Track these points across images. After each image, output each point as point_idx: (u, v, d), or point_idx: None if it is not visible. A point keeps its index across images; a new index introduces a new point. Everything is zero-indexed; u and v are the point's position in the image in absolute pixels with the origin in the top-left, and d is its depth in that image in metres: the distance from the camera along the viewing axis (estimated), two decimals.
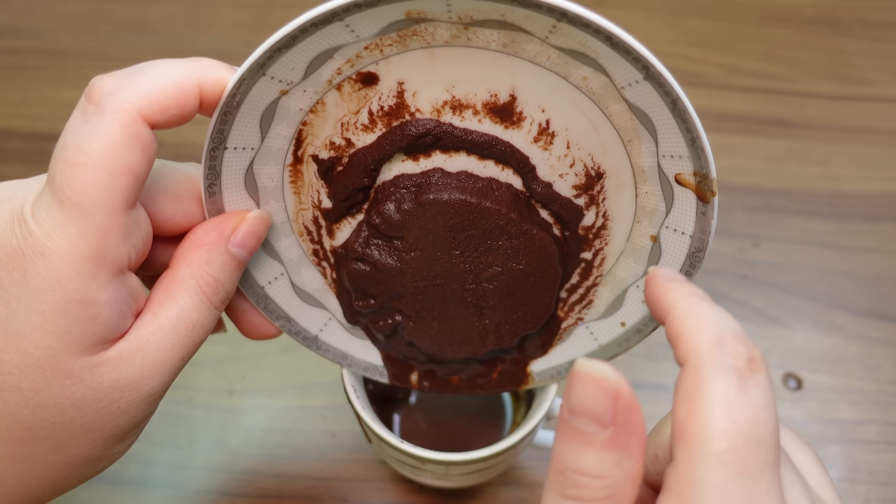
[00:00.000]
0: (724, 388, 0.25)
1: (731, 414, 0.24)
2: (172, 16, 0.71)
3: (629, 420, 0.24)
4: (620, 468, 0.24)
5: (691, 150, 0.30)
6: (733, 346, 0.26)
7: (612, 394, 0.24)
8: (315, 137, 0.33)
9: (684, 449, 0.25)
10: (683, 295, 0.29)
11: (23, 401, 0.28)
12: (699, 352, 0.26)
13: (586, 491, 0.25)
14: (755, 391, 0.25)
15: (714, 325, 0.27)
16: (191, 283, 0.31)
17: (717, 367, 0.25)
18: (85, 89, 0.28)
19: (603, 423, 0.24)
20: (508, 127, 0.32)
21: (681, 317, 0.28)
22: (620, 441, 0.24)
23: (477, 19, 0.29)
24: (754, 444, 0.24)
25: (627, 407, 0.24)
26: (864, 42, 0.71)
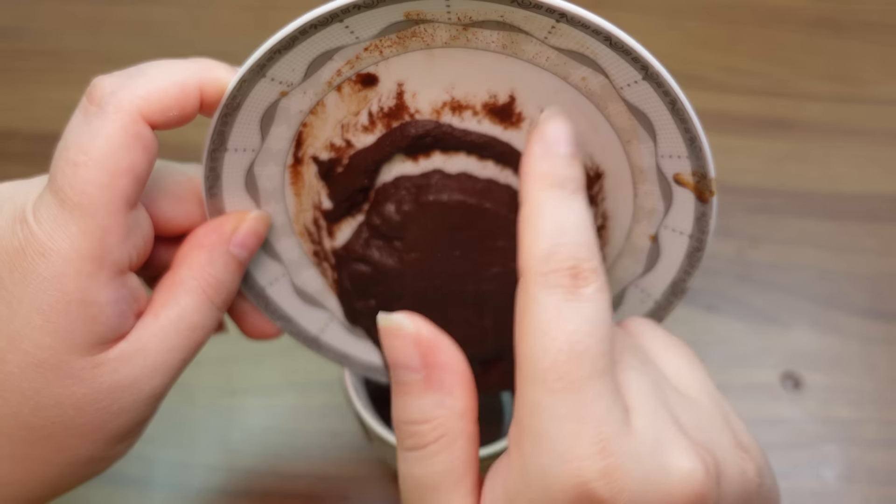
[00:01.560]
0: (547, 307, 0.25)
1: (551, 332, 0.25)
2: (174, 17, 0.71)
3: (436, 359, 0.26)
4: (443, 407, 0.26)
5: (690, 149, 0.30)
6: (561, 262, 0.25)
7: (411, 339, 0.26)
8: (315, 139, 0.33)
9: (518, 373, 0.26)
10: (537, 185, 0.27)
11: (23, 400, 0.28)
12: (528, 268, 0.26)
13: (419, 438, 0.26)
14: (579, 305, 0.25)
15: (548, 234, 0.26)
16: (192, 283, 0.31)
17: (541, 284, 0.25)
18: (86, 90, 0.28)
19: (414, 369, 0.26)
20: (508, 127, 0.32)
21: (524, 217, 0.27)
22: (435, 381, 0.26)
23: (476, 20, 0.29)
24: (576, 358, 0.24)
25: (430, 347, 0.26)
26: (863, 43, 0.71)
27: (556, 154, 0.27)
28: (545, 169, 0.27)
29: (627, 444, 0.24)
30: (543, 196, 0.27)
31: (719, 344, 0.55)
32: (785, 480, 0.50)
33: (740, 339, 0.55)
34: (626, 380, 0.26)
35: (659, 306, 0.35)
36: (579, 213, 0.26)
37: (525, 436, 0.25)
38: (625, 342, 0.28)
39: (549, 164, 0.27)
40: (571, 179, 0.27)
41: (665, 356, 0.29)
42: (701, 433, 0.26)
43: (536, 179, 0.27)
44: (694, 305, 0.56)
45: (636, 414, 0.25)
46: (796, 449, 0.51)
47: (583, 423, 0.24)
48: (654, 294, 0.35)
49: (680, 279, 0.34)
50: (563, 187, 0.27)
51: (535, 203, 0.27)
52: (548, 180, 0.27)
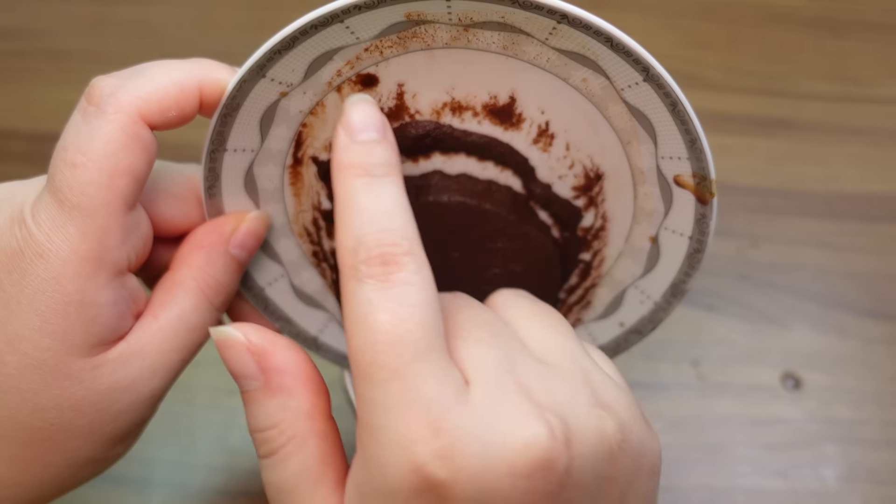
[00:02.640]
0: (360, 300, 0.24)
1: (367, 325, 0.24)
2: (174, 17, 0.71)
3: (271, 364, 0.26)
4: (287, 409, 0.26)
5: (690, 151, 0.30)
6: (369, 251, 0.25)
7: (243, 348, 0.26)
8: (315, 139, 0.33)
9: (351, 371, 0.25)
10: (344, 175, 0.27)
11: (22, 402, 0.28)
12: (341, 263, 0.25)
13: (270, 444, 0.26)
14: (392, 292, 0.24)
15: (356, 225, 0.25)
16: (191, 284, 0.31)
17: (353, 278, 0.25)
18: (85, 90, 0.28)
19: (253, 377, 0.26)
20: (508, 128, 0.32)
21: (336, 212, 0.26)
22: (275, 385, 0.26)
23: (477, 21, 0.29)
24: (394, 345, 0.24)
25: (263, 353, 0.26)
26: (863, 43, 0.71)
27: (360, 141, 0.27)
28: (350, 158, 0.27)
29: (463, 419, 0.24)
30: (351, 186, 0.26)
31: (719, 344, 0.55)
32: (785, 480, 0.50)
33: (740, 339, 0.55)
34: (468, 355, 0.26)
35: (658, 307, 0.35)
36: (389, 197, 0.26)
37: (363, 431, 0.25)
38: (475, 317, 0.28)
39: (353, 153, 0.27)
40: (379, 164, 0.27)
41: (526, 324, 0.29)
42: (551, 397, 0.25)
43: (343, 170, 0.27)
44: (694, 305, 0.56)
45: (475, 387, 0.25)
46: (797, 449, 0.51)
47: (411, 408, 0.24)
48: (654, 296, 0.35)
49: (680, 280, 0.34)
50: (371, 174, 0.26)
51: (343, 195, 0.26)
52: (355, 170, 0.26)
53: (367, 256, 0.25)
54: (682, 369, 0.54)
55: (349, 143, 0.27)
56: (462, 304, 0.29)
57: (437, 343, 0.25)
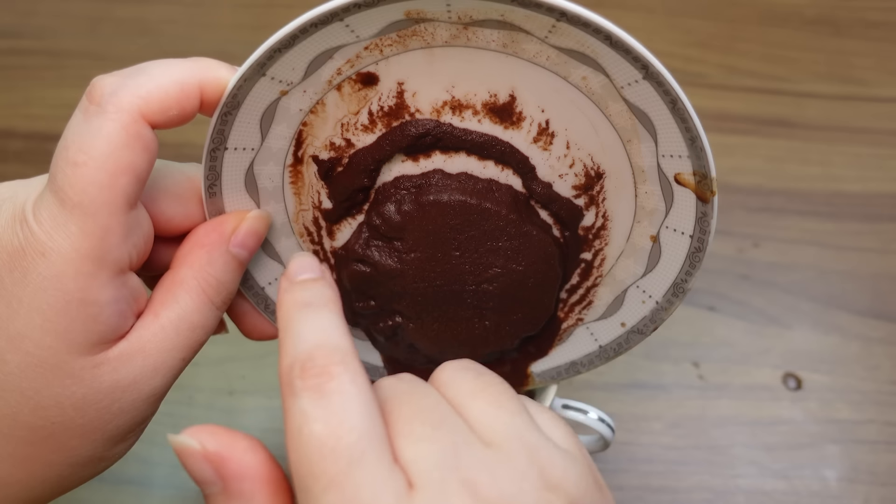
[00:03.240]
0: (295, 413, 0.25)
1: (303, 437, 0.24)
2: (173, 16, 0.71)
3: (229, 470, 0.26)
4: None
5: (691, 149, 0.30)
6: (303, 367, 0.26)
7: (198, 456, 0.26)
8: (315, 138, 0.33)
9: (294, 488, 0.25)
10: (284, 310, 0.28)
11: (23, 400, 0.28)
12: (282, 382, 0.26)
13: None
14: (325, 401, 0.25)
15: (291, 347, 0.26)
16: (192, 283, 0.31)
17: (289, 394, 0.25)
18: (86, 89, 0.28)
19: (211, 482, 0.26)
20: (508, 127, 0.32)
21: (279, 341, 0.28)
22: (234, 491, 0.26)
23: (476, 19, 0.29)
24: (329, 454, 0.24)
25: (220, 459, 0.26)
26: (864, 42, 0.71)
27: (298, 282, 0.29)
28: (290, 297, 0.28)
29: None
30: (289, 316, 0.27)
31: (720, 344, 0.55)
32: (786, 481, 0.50)
33: (741, 340, 0.55)
34: (411, 455, 0.25)
35: (660, 307, 0.35)
36: (324, 321, 0.27)
37: None
38: (418, 407, 0.27)
39: (292, 291, 0.28)
40: (316, 297, 0.28)
41: (470, 404, 0.28)
42: (498, 489, 0.25)
43: (282, 306, 0.28)
44: (695, 305, 0.56)
45: (418, 491, 0.24)
46: (797, 449, 0.51)
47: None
48: (655, 295, 0.35)
49: (681, 280, 0.34)
50: (308, 305, 0.28)
51: (283, 326, 0.27)
52: (294, 304, 0.28)
53: (301, 371, 0.25)
54: (683, 370, 0.54)
55: (289, 286, 0.29)
56: (405, 392, 0.28)
57: (375, 447, 0.24)
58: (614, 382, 0.53)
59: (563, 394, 0.43)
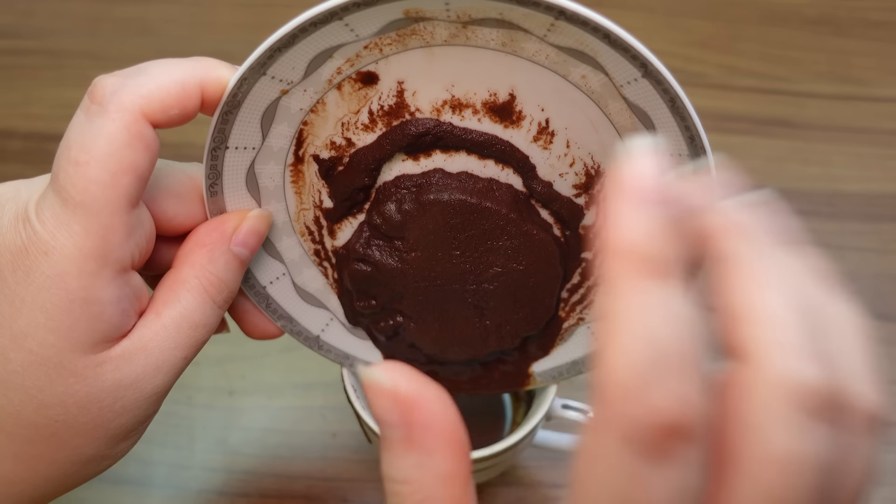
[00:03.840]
0: (615, 470, 0.19)
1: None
2: (173, 16, 0.71)
3: (417, 417, 0.24)
4: (423, 469, 0.24)
5: (691, 147, 0.30)
6: (642, 402, 0.18)
7: (389, 395, 0.24)
8: (316, 137, 0.33)
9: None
10: (618, 277, 0.19)
11: (27, 399, 0.29)
12: (604, 402, 0.19)
13: (400, 498, 0.24)
14: (665, 475, 0.18)
15: (622, 360, 0.19)
16: (194, 282, 0.31)
17: (616, 435, 0.19)
18: (88, 89, 0.28)
19: (394, 426, 0.24)
20: (508, 126, 0.32)
21: (606, 324, 0.19)
22: (415, 441, 0.24)
23: (475, 18, 0.29)
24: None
25: (410, 404, 0.24)
26: (864, 42, 0.71)
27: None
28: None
29: None
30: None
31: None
32: None
33: None
34: None
35: None
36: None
37: None
38: None
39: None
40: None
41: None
42: None
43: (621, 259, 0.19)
44: None
45: None
46: None
47: None
48: None
49: None
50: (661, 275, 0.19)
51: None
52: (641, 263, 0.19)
53: (649, 422, 0.18)
54: None
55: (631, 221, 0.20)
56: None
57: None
58: None
59: (563, 394, 0.43)
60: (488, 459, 0.39)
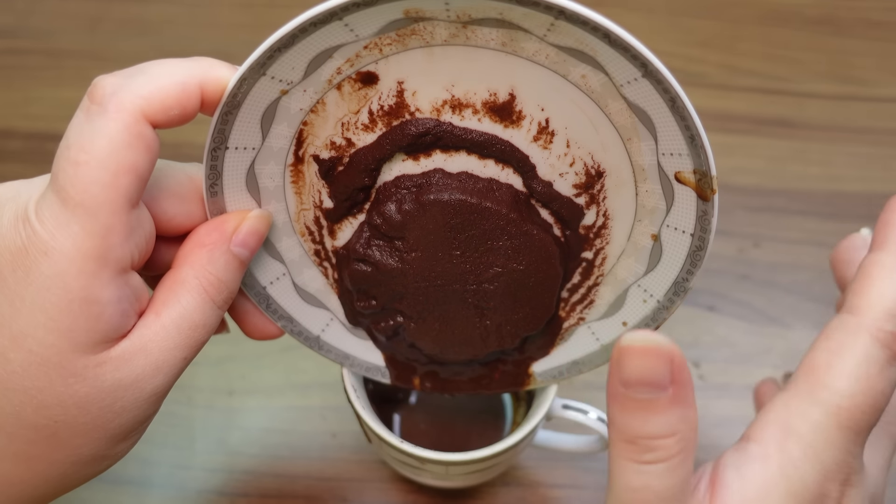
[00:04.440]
0: (868, 357, 0.28)
1: (866, 380, 0.28)
2: (173, 16, 0.71)
3: (684, 376, 0.27)
4: (686, 420, 0.27)
5: (690, 147, 0.30)
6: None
7: (667, 358, 0.26)
8: (316, 137, 0.33)
9: (806, 387, 0.28)
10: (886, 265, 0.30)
11: (27, 399, 0.29)
12: (867, 315, 0.28)
13: (663, 451, 0.27)
14: (894, 370, 0.28)
15: (893, 294, 0.29)
16: (194, 282, 0.31)
17: (871, 335, 0.28)
18: (87, 89, 0.28)
19: (662, 387, 0.26)
20: (508, 126, 0.32)
21: (878, 269, 0.30)
22: (681, 397, 0.27)
23: (475, 18, 0.29)
24: (867, 411, 0.28)
25: (681, 365, 0.26)
26: (865, 42, 0.71)
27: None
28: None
29: None
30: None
31: (720, 344, 0.55)
32: None
33: (742, 340, 0.55)
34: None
35: (661, 306, 0.35)
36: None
37: (791, 440, 0.28)
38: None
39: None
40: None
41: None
42: None
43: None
44: (695, 305, 0.56)
45: None
46: None
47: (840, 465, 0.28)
48: (657, 294, 0.35)
49: (682, 279, 0.34)
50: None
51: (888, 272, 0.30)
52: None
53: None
54: None
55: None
56: None
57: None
58: None
59: (563, 394, 0.43)
60: (488, 459, 0.39)
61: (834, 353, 0.28)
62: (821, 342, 0.29)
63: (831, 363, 0.28)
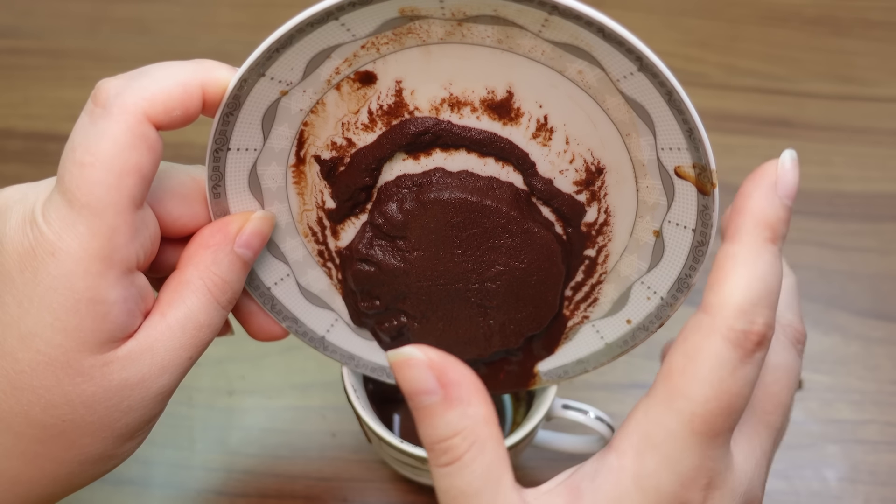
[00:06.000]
0: (720, 360, 0.27)
1: (720, 385, 0.27)
2: (172, 16, 0.71)
3: (449, 378, 0.28)
4: (468, 417, 0.28)
5: (689, 141, 0.30)
6: (751, 320, 0.27)
7: (424, 365, 0.28)
8: (317, 138, 0.33)
9: (662, 393, 0.28)
10: (751, 237, 0.28)
11: (35, 398, 0.29)
12: (718, 314, 0.27)
13: (454, 451, 0.28)
14: (748, 369, 0.27)
15: (744, 290, 0.27)
16: (198, 283, 0.31)
17: (722, 336, 0.27)
18: (91, 92, 0.29)
19: (433, 391, 0.28)
20: (507, 123, 0.32)
21: (730, 263, 0.28)
22: (454, 397, 0.28)
23: (470, 15, 0.29)
24: (724, 415, 0.27)
25: (442, 368, 0.28)
26: (864, 42, 0.71)
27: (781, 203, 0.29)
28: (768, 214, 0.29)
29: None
30: (755, 250, 0.28)
31: None
32: (786, 481, 0.50)
33: None
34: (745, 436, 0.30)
35: (665, 303, 0.35)
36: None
37: (647, 450, 0.28)
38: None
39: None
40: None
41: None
42: None
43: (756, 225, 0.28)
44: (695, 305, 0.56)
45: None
46: (798, 450, 0.51)
47: (699, 471, 0.28)
48: (660, 291, 0.35)
49: (685, 275, 0.34)
50: (768, 250, 0.28)
51: (745, 251, 0.28)
52: (766, 226, 0.29)
53: (749, 328, 0.27)
54: None
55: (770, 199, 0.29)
56: None
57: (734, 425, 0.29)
58: (614, 382, 0.53)
59: (563, 394, 0.43)
60: None
61: (689, 357, 0.28)
62: (678, 344, 0.28)
63: (685, 368, 0.27)
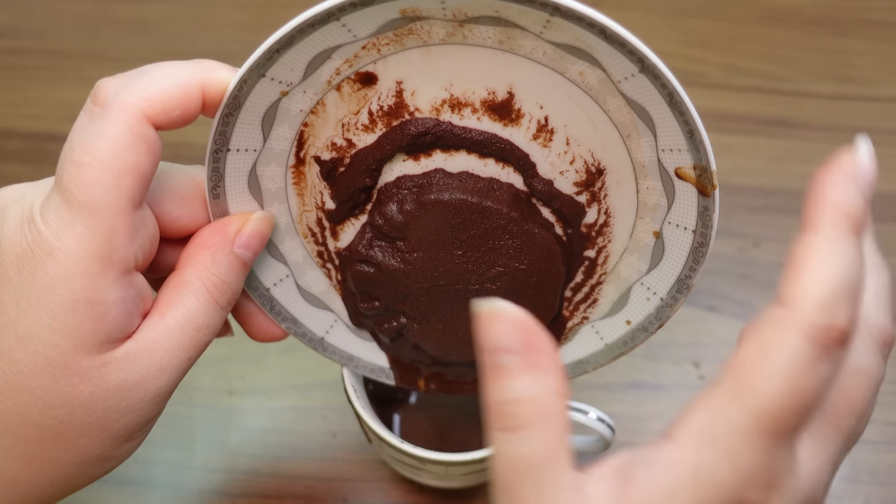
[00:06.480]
0: (795, 355, 0.25)
1: (791, 381, 0.25)
2: (172, 16, 0.71)
3: (535, 342, 0.27)
4: (546, 388, 0.27)
5: (690, 143, 0.30)
6: (832, 314, 0.25)
7: (513, 323, 0.27)
8: (316, 138, 0.33)
9: (729, 386, 0.26)
10: (831, 227, 0.27)
11: (32, 399, 0.29)
12: (797, 307, 0.26)
13: (521, 418, 0.27)
14: (825, 367, 0.25)
15: (825, 282, 0.26)
16: (197, 284, 0.31)
17: (800, 330, 0.25)
18: (90, 91, 0.29)
19: (517, 352, 0.27)
20: (507, 124, 0.32)
21: (810, 254, 0.26)
22: (535, 363, 0.27)
23: (471, 16, 0.29)
24: (792, 413, 0.25)
25: (532, 331, 0.27)
26: (865, 42, 0.71)
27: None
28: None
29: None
30: (835, 239, 0.27)
31: (721, 345, 0.55)
32: None
33: None
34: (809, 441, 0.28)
35: (665, 304, 0.35)
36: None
37: (707, 443, 0.26)
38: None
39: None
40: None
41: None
42: None
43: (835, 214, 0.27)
44: (695, 306, 0.56)
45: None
46: None
47: (761, 470, 0.26)
48: (660, 292, 0.35)
49: (685, 276, 0.34)
50: (849, 240, 0.27)
51: (825, 241, 0.26)
52: (847, 216, 0.27)
53: (827, 320, 0.25)
54: (683, 370, 0.54)
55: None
56: None
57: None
58: (614, 382, 0.53)
59: None
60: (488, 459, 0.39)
61: (761, 351, 0.26)
62: (749, 337, 0.27)
63: (756, 362, 0.26)
